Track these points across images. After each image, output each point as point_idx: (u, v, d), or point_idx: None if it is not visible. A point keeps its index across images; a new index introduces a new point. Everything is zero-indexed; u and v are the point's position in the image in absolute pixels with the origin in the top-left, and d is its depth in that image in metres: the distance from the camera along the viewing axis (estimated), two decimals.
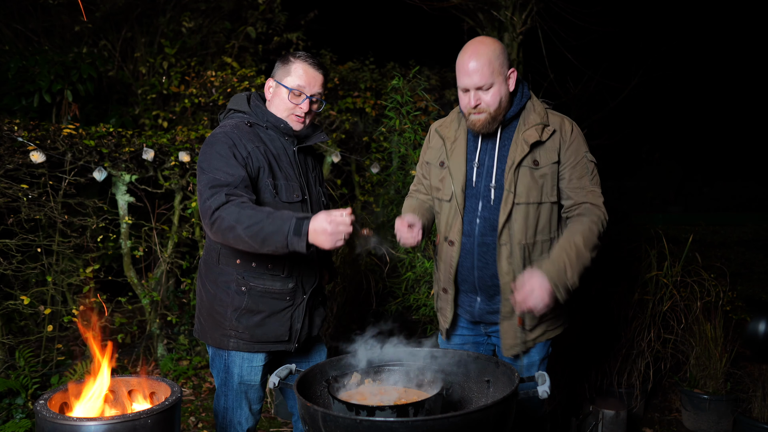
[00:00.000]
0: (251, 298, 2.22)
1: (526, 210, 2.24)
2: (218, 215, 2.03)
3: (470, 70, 2.18)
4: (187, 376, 4.15)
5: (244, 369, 2.28)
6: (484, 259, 2.30)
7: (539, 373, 1.91)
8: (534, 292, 2.07)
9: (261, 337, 2.25)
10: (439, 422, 1.60)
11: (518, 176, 2.24)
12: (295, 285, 2.27)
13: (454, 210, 2.33)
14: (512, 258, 2.25)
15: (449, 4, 4.97)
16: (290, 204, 2.23)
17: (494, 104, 2.22)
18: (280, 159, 2.26)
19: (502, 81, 2.21)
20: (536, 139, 2.23)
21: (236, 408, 2.32)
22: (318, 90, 2.27)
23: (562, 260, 2.14)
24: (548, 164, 2.25)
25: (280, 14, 5.76)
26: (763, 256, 5.54)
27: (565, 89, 5.43)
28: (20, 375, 3.56)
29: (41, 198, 3.66)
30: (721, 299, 3.77)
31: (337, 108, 5.08)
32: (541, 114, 2.29)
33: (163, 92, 5.22)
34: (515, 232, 2.24)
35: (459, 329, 2.49)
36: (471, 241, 2.31)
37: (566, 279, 2.13)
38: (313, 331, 2.40)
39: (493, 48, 2.21)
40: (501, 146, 2.30)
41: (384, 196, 4.55)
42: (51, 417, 1.79)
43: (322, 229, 1.93)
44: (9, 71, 4.52)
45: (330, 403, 1.83)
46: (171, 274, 4.32)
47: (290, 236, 1.95)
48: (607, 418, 3.38)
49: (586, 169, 2.28)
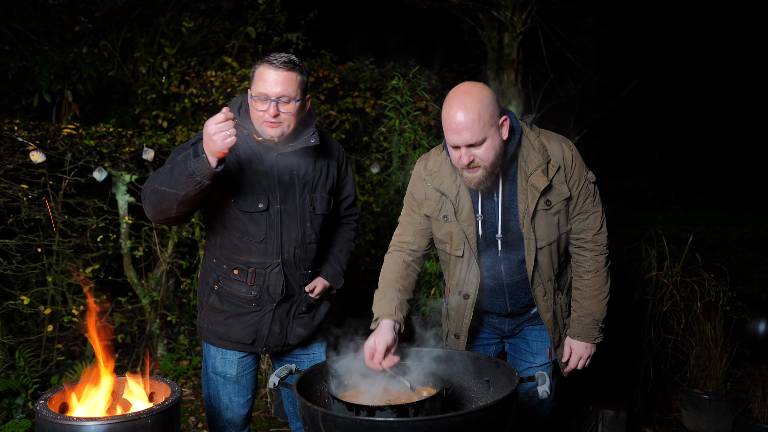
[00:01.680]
0: (218, 297, 2.31)
1: (549, 250, 2.24)
2: (143, 191, 2.08)
3: (459, 127, 1.98)
4: (187, 376, 4.15)
5: (218, 360, 2.37)
6: (516, 295, 2.32)
7: (539, 373, 1.91)
8: (582, 359, 2.36)
9: (223, 335, 2.32)
10: (439, 422, 1.60)
11: (535, 222, 2.19)
12: (259, 293, 2.28)
13: (468, 265, 2.26)
14: (546, 295, 2.29)
15: (449, 4, 4.96)
16: (250, 213, 2.20)
17: (489, 158, 2.04)
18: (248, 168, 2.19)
19: (494, 133, 2.03)
20: (546, 185, 2.15)
21: (214, 396, 2.41)
22: (283, 90, 2.09)
23: (587, 317, 2.31)
24: (560, 201, 2.21)
25: (280, 14, 5.75)
26: (763, 256, 5.53)
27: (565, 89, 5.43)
28: (20, 375, 3.56)
29: (41, 198, 3.66)
30: (721, 299, 3.77)
31: (337, 108, 5.08)
32: (540, 149, 2.17)
33: (163, 92, 5.21)
34: (543, 272, 2.26)
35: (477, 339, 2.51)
36: (498, 283, 2.30)
37: (596, 327, 2.32)
38: (290, 339, 2.38)
39: (481, 98, 2.00)
40: (506, 192, 2.20)
41: (384, 196, 4.55)
42: (51, 417, 1.79)
43: (207, 135, 1.90)
44: (9, 71, 4.52)
45: (330, 403, 1.83)
46: (171, 274, 4.32)
47: (191, 162, 1.93)
48: (607, 418, 3.38)
49: (588, 192, 2.26)
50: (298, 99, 2.15)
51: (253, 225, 2.22)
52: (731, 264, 4.95)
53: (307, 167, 2.31)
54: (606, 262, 2.31)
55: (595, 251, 2.28)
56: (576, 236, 2.28)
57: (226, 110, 1.92)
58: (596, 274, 2.29)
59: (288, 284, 2.31)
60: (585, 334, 2.32)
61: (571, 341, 2.35)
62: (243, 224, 2.22)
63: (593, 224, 2.27)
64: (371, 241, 4.59)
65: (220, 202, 2.22)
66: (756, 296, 4.71)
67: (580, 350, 2.34)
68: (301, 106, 2.19)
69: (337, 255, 2.53)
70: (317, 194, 2.34)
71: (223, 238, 2.27)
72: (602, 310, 2.32)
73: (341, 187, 2.49)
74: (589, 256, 2.29)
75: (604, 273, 2.31)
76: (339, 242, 2.56)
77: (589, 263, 2.29)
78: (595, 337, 2.33)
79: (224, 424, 2.41)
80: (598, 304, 2.30)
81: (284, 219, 2.25)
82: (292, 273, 2.31)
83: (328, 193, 2.38)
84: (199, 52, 5.52)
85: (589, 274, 2.30)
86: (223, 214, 2.24)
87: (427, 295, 3.77)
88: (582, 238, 2.28)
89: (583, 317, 2.31)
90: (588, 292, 2.30)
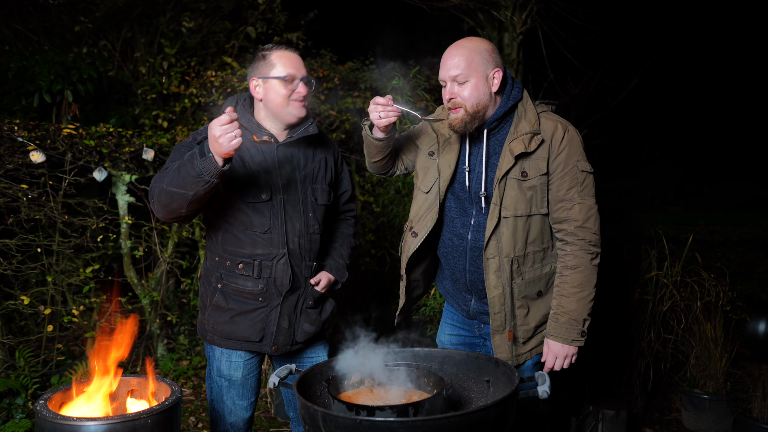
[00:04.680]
0: (222, 295, 2.28)
1: (514, 223, 2.17)
2: (150, 191, 2.12)
3: (447, 62, 2.13)
4: (187, 376, 4.15)
5: (223, 363, 2.34)
6: (475, 264, 2.26)
7: (539, 373, 1.91)
8: (558, 359, 2.22)
9: (230, 335, 2.29)
10: (439, 422, 1.60)
11: (505, 188, 2.17)
12: (266, 286, 2.26)
13: (429, 205, 2.29)
14: (500, 272, 2.20)
15: (449, 4, 4.96)
16: (254, 204, 2.23)
17: (471, 100, 2.12)
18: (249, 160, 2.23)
19: (481, 79, 2.12)
20: (522, 151, 2.14)
21: (218, 400, 2.37)
22: (305, 72, 2.24)
23: (563, 315, 2.19)
24: (537, 176, 2.16)
25: (280, 14, 5.75)
26: (763, 256, 5.53)
27: (565, 89, 5.43)
28: (20, 375, 3.56)
29: (41, 198, 3.66)
30: (721, 299, 3.77)
31: (337, 108, 5.08)
32: (531, 121, 2.18)
33: (163, 92, 5.21)
34: (503, 246, 2.18)
35: (455, 328, 2.48)
36: (464, 244, 2.28)
37: (576, 328, 2.19)
38: (297, 337, 2.35)
39: (477, 45, 2.14)
40: (491, 154, 2.23)
41: (384, 196, 4.55)
42: (51, 417, 1.79)
43: (212, 137, 1.92)
44: (9, 71, 4.52)
45: (330, 403, 1.83)
46: (171, 274, 4.32)
47: (197, 162, 1.96)
48: (607, 418, 3.37)
49: (575, 179, 2.17)
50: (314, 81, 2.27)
51: (258, 216, 2.23)
52: (731, 264, 4.95)
53: (307, 158, 2.34)
54: (590, 259, 2.19)
55: (576, 245, 2.18)
56: (558, 226, 2.21)
57: (230, 110, 1.93)
58: (576, 270, 2.18)
59: (294, 275, 2.30)
60: (560, 333, 2.20)
61: (547, 340, 2.24)
62: (247, 216, 2.23)
63: (577, 216, 2.17)
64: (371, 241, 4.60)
65: (222, 197, 2.23)
66: (756, 296, 4.72)
67: (555, 350, 2.22)
68: None
69: (339, 249, 2.52)
70: (318, 185, 2.35)
71: (226, 234, 2.27)
72: (581, 310, 2.18)
73: (339, 182, 2.51)
74: (569, 250, 2.19)
75: (586, 271, 2.18)
76: (339, 237, 2.56)
77: (568, 258, 2.19)
78: (572, 339, 2.19)
79: (227, 428, 2.39)
80: (576, 303, 2.17)
81: (288, 209, 2.27)
82: (297, 264, 2.31)
83: (328, 185, 2.39)
84: (199, 52, 5.52)
85: (568, 270, 2.19)
86: (225, 209, 2.25)
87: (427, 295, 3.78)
88: (564, 229, 2.20)
89: (558, 315, 2.20)
90: (567, 289, 2.19)
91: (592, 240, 2.19)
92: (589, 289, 2.20)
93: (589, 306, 2.20)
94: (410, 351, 2.13)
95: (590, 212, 2.19)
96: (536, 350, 2.31)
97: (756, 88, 9.78)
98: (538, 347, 2.31)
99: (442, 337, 2.53)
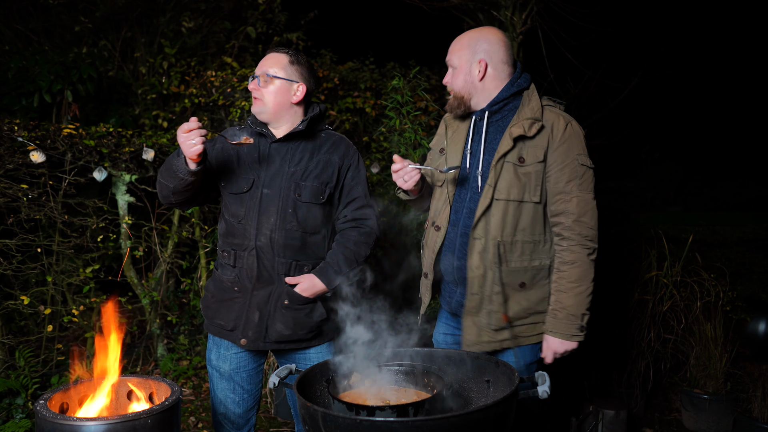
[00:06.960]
0: (212, 280, 2.42)
1: (505, 206, 2.18)
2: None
3: (450, 48, 2.28)
4: (187, 376, 4.15)
5: (213, 353, 2.42)
6: (463, 250, 2.25)
7: (539, 373, 1.90)
8: (556, 353, 2.23)
9: (211, 318, 2.39)
10: (439, 422, 1.60)
11: (501, 171, 2.18)
12: (238, 276, 2.32)
13: (444, 197, 2.32)
14: (485, 253, 2.19)
15: (449, 4, 4.97)
16: (237, 195, 2.32)
17: (455, 85, 2.27)
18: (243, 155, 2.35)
19: (468, 66, 2.24)
20: (520, 134, 2.16)
21: (212, 390, 2.46)
22: (265, 68, 2.29)
23: (561, 310, 2.20)
24: (533, 162, 2.18)
25: (280, 14, 5.75)
26: (763, 256, 5.53)
27: (565, 89, 5.43)
28: (20, 375, 3.56)
29: (41, 198, 3.66)
30: (721, 299, 3.77)
31: (337, 108, 5.08)
32: (534, 109, 2.20)
33: (163, 92, 5.22)
34: (491, 228, 2.18)
35: (449, 327, 2.47)
36: (455, 230, 2.28)
37: (575, 324, 2.19)
38: (270, 335, 2.31)
39: (480, 35, 2.25)
40: (491, 138, 2.25)
41: (384, 196, 4.55)
42: (51, 417, 1.79)
43: (180, 142, 2.08)
44: (9, 71, 4.52)
45: (330, 403, 1.83)
46: (171, 274, 4.32)
47: (175, 160, 2.16)
48: (607, 418, 3.37)
49: (575, 173, 2.18)
50: (281, 78, 2.29)
51: (236, 206, 2.33)
52: (731, 264, 4.95)
53: (303, 156, 2.33)
54: (587, 254, 2.19)
55: (573, 240, 2.18)
56: (556, 219, 2.21)
57: (193, 119, 2.07)
58: (573, 265, 2.18)
59: (263, 268, 2.29)
60: (559, 329, 2.20)
61: (546, 336, 2.24)
62: (231, 206, 2.35)
63: (574, 209, 2.17)
64: None
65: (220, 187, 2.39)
66: (756, 296, 4.72)
67: (554, 346, 2.22)
68: (286, 88, 2.31)
69: (334, 252, 2.37)
70: (307, 183, 2.31)
71: (222, 223, 2.42)
72: (579, 304, 2.18)
73: (349, 189, 2.41)
74: (566, 245, 2.19)
75: (584, 266, 2.18)
76: (339, 241, 2.43)
77: (565, 253, 2.20)
78: (572, 334, 2.19)
79: (219, 419, 2.43)
80: (574, 298, 2.18)
81: (265, 202, 2.30)
82: (268, 258, 2.28)
83: (323, 185, 2.32)
84: (199, 52, 5.52)
85: (565, 265, 2.19)
86: (222, 200, 2.42)
87: None
88: (561, 223, 2.19)
89: (557, 311, 2.20)
90: (564, 284, 2.19)
91: (589, 235, 2.19)
92: (587, 284, 2.20)
93: (587, 301, 2.20)
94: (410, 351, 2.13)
95: (588, 207, 2.19)
96: (508, 343, 2.25)
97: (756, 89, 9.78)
98: (515, 340, 2.25)
99: (437, 336, 2.52)
